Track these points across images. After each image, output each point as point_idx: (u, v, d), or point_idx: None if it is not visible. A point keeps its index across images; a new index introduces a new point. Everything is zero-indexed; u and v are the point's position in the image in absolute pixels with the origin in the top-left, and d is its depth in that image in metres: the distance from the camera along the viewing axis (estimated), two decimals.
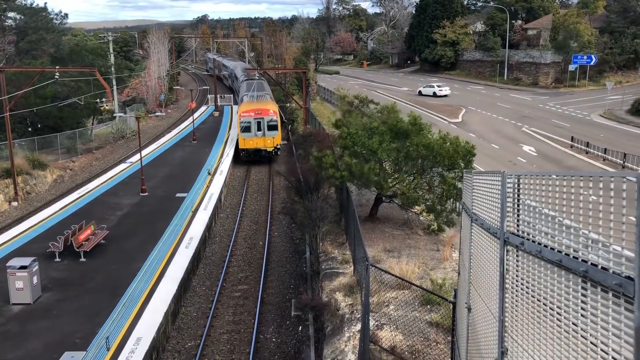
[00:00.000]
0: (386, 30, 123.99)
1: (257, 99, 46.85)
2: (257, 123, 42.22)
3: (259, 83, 54.51)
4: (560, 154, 39.84)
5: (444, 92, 69.83)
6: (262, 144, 42.70)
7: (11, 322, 17.97)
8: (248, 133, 42.52)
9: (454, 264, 18.39)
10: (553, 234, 3.94)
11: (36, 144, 40.82)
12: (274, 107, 44.35)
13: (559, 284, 3.77)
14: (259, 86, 52.61)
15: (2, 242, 25.03)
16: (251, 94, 49.17)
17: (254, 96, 47.80)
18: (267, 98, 47.76)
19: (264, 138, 42.61)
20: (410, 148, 20.68)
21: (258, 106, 43.36)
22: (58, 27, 57.77)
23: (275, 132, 42.85)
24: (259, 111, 42.40)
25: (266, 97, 48.13)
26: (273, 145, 42.91)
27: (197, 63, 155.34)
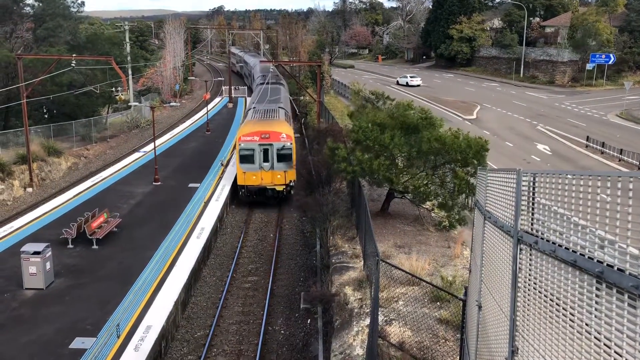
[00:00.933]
0: (402, 25, 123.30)
1: (266, 116, 34.62)
2: (263, 151, 30.89)
3: (273, 89, 44.80)
4: (575, 153, 39.46)
5: (415, 82, 76.61)
6: (268, 180, 31.10)
7: (24, 306, 18.21)
8: (250, 164, 30.95)
9: (465, 262, 18.32)
10: (568, 234, 3.90)
11: (51, 131, 41.17)
12: (287, 128, 31.95)
13: (572, 284, 3.74)
14: (272, 93, 42.87)
15: (16, 228, 25.34)
16: (259, 106, 37.56)
17: (262, 112, 35.62)
18: (280, 114, 35.10)
19: (272, 172, 30.95)
20: (422, 143, 20.58)
21: (265, 127, 31.60)
22: (75, 14, 58.02)
23: (289, 163, 31.15)
24: (267, 134, 30.91)
25: (279, 112, 35.56)
26: (284, 181, 31.06)
27: (212, 54, 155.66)
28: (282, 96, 43.82)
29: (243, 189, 31.41)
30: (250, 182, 31.09)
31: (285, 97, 45.59)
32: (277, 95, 42.99)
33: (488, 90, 73.47)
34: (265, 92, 42.59)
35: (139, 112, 54.02)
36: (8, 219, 27.42)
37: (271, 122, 32.78)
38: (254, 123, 32.52)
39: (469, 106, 59.23)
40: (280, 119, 33.69)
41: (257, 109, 36.35)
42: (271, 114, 34.64)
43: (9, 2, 51.00)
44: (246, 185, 31.20)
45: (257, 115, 34.68)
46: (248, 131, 31.39)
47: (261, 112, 35.26)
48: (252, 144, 30.81)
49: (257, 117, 33.98)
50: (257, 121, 33.05)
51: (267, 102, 38.51)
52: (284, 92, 47.04)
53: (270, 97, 40.82)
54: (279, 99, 41.71)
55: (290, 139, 31.07)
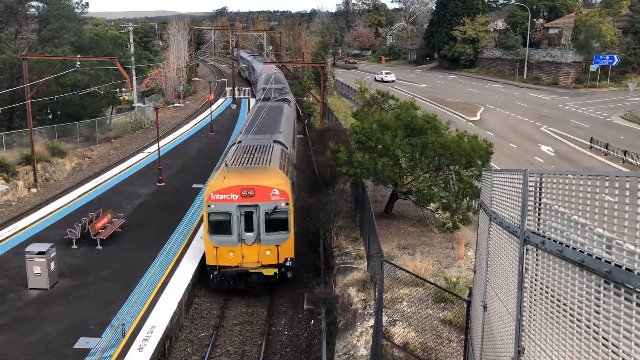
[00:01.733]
0: (405, 26, 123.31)
1: (253, 157, 23.07)
2: (244, 216, 20.62)
3: (273, 110, 34.59)
4: (579, 154, 39.39)
5: (389, 78, 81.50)
6: (253, 258, 20.85)
7: (28, 306, 18.28)
8: (224, 236, 20.64)
9: (469, 263, 18.32)
10: (575, 234, 3.91)
11: (56, 132, 41.26)
12: (281, 180, 21.15)
13: (580, 284, 3.75)
14: (270, 116, 32.12)
15: (21, 228, 25.43)
16: (247, 140, 26.06)
17: (248, 150, 24.07)
18: (273, 154, 23.51)
19: (257, 247, 20.79)
20: (427, 146, 20.60)
21: (249, 179, 20.88)
22: (79, 16, 58.25)
23: (283, 234, 20.80)
24: (250, 190, 20.46)
25: (273, 152, 23.88)
26: (277, 260, 20.80)
27: (215, 55, 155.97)
28: (282, 121, 31.80)
29: (215, 271, 20.48)
30: (225, 262, 20.42)
31: (289, 122, 33.92)
32: (276, 120, 31.60)
33: (491, 91, 73.39)
34: (260, 114, 31.70)
35: (143, 112, 54.12)
36: (12, 219, 27.50)
37: (258, 170, 21.43)
38: (233, 172, 21.01)
39: (473, 107, 59.17)
40: (273, 162, 22.24)
41: (242, 145, 25.03)
42: (261, 155, 23.06)
43: (14, 3, 51.21)
44: (219, 267, 20.36)
45: (241, 156, 23.21)
46: (222, 185, 20.34)
47: (247, 152, 23.75)
48: (228, 206, 20.26)
49: (239, 160, 22.71)
50: (237, 169, 21.51)
51: (258, 133, 27.33)
52: (287, 114, 35.01)
53: (266, 123, 29.71)
54: (278, 125, 30.26)
55: (286, 196, 20.41)
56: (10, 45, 46.13)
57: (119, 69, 39.55)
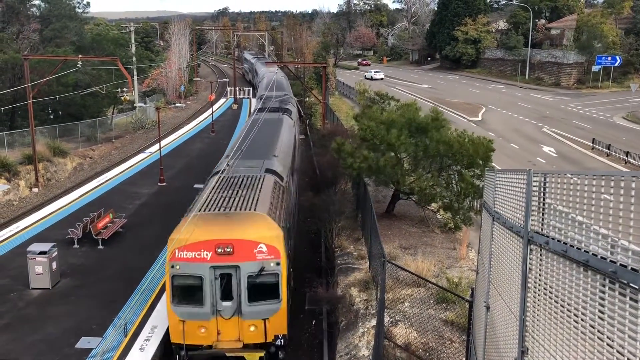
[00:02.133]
0: (407, 27, 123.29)
1: (234, 199, 16.86)
2: (219, 280, 15.17)
3: (270, 123, 28.55)
4: (581, 155, 39.35)
5: (378, 75, 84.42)
6: (231, 336, 15.37)
7: (30, 306, 18.28)
8: (193, 307, 15.22)
9: (471, 263, 18.30)
10: (580, 234, 3.89)
11: (57, 132, 41.29)
12: (270, 230, 15.45)
13: (584, 284, 3.73)
14: (265, 134, 25.61)
15: (22, 228, 25.44)
16: (230, 169, 19.87)
17: (228, 188, 17.93)
18: (263, 193, 17.38)
19: (237, 321, 15.26)
20: (429, 144, 20.60)
21: (226, 230, 15.23)
22: (81, 15, 58.32)
23: (272, 303, 15.29)
24: (227, 246, 14.92)
25: (262, 188, 17.83)
26: (264, 339, 15.29)
27: (217, 55, 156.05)
28: (280, 141, 24.83)
29: (181, 351, 15.12)
30: (194, 341, 15.13)
31: (288, 140, 26.62)
32: (272, 139, 24.68)
33: (493, 92, 73.35)
34: (253, 130, 25.47)
35: (144, 112, 54.13)
36: (14, 218, 27.51)
37: (240, 217, 15.65)
38: (206, 220, 15.54)
39: (474, 108, 59.13)
40: (261, 204, 16.29)
41: (224, 177, 18.74)
42: (246, 193, 17.06)
43: (15, 3, 51.27)
44: (186, 347, 15.06)
45: (219, 194, 17.17)
46: (190, 239, 14.94)
47: (228, 187, 17.77)
48: (199, 267, 14.84)
49: (216, 201, 16.69)
50: (212, 216, 15.80)
51: (248, 158, 20.93)
52: (286, 130, 27.87)
53: (259, 143, 23.22)
54: (274, 146, 23.28)
55: (276, 254, 14.97)
56: (12, 45, 46.18)
57: (121, 69, 39.58)
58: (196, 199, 17.57)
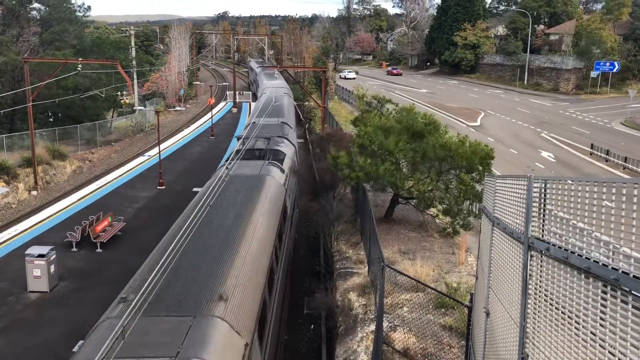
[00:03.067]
0: (406, 32, 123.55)
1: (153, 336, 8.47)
2: None
3: (243, 191, 16.85)
4: (579, 161, 39.37)
5: (350, 75, 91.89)
6: None
7: (28, 309, 18.22)
8: None
9: (469, 268, 18.28)
10: (581, 241, 3.89)
11: (56, 135, 41.27)
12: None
13: (586, 291, 3.72)
14: (240, 193, 16.44)
15: (21, 230, 25.39)
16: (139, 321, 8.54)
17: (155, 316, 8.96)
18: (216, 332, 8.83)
19: None
20: (427, 148, 20.58)
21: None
22: (81, 19, 58.38)
23: None
24: None
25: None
26: None
27: (217, 59, 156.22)
28: (251, 234, 13.91)
29: None
30: None
31: (276, 193, 18.39)
32: (254, 199, 16.38)
33: (492, 97, 73.46)
34: (207, 200, 14.45)
35: (144, 116, 54.15)
36: (13, 221, 27.46)
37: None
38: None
39: (473, 113, 59.20)
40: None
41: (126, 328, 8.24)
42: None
43: (16, 6, 51.30)
44: None
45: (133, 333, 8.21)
46: None
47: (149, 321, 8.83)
48: None
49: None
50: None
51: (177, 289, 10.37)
52: (270, 203, 16.97)
53: (213, 239, 13.05)
54: (231, 251, 12.43)
55: None
56: (11, 47, 46.17)
57: (121, 72, 39.61)
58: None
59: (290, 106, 41.23)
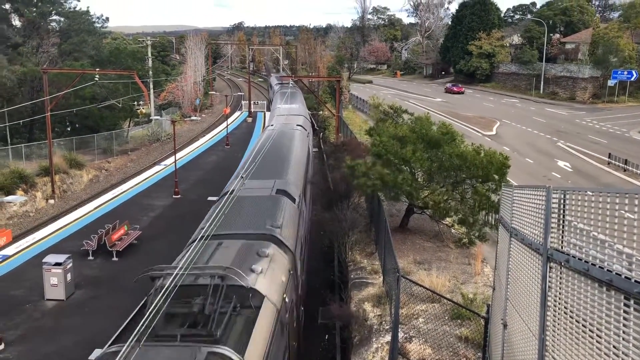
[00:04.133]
0: (421, 41, 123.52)
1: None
2: None
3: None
4: (597, 170, 38.91)
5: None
6: None
7: (45, 317, 18.38)
8: None
9: (486, 279, 18.09)
10: (602, 252, 3.83)
11: (74, 144, 41.80)
12: None
13: (607, 304, 3.66)
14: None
15: (39, 239, 25.67)
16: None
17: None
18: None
19: None
20: (443, 158, 20.46)
21: None
22: (99, 30, 59.35)
23: None
24: None
25: None
26: None
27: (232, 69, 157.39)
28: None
29: None
30: None
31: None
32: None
33: (507, 106, 73.04)
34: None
35: (160, 125, 54.67)
36: (30, 230, 27.78)
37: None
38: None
39: (488, 122, 58.89)
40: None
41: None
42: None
43: (36, 18, 52.24)
44: None
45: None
46: None
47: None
48: None
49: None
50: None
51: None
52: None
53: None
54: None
55: None
56: (31, 58, 46.99)
57: (137, 82, 40.06)
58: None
59: (301, 152, 26.59)
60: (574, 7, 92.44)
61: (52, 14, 54.48)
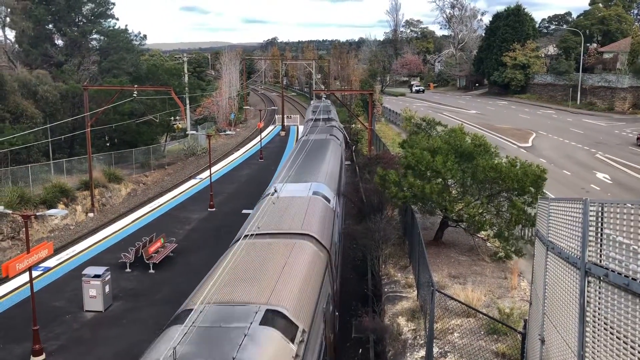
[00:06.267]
0: (454, 53, 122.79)
1: None
2: None
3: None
4: (638, 182, 37.80)
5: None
6: None
7: (84, 328, 18.79)
8: None
9: (522, 293, 17.74)
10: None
11: (112, 159, 42.88)
12: None
13: None
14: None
15: (78, 251, 26.33)
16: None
17: None
18: None
19: None
20: (477, 171, 20.22)
21: None
22: (137, 47, 60.97)
23: None
24: None
25: None
26: None
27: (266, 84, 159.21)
28: None
29: None
30: None
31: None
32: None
33: (543, 117, 71.75)
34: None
35: (196, 140, 55.62)
36: (70, 242, 28.53)
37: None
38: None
39: (524, 134, 57.93)
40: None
41: None
42: None
43: (78, 37, 54.03)
44: None
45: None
46: None
47: None
48: None
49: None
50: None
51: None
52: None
53: None
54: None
55: None
56: (73, 76, 48.55)
57: (174, 98, 40.91)
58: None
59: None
60: (612, 16, 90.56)
61: (92, 32, 56.31)
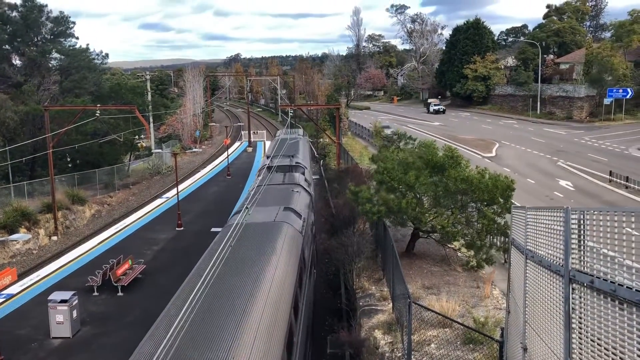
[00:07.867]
0: (416, 66, 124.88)
1: None
2: None
3: None
4: (599, 188, 38.91)
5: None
6: None
7: (51, 356, 18.14)
8: None
9: (495, 302, 17.93)
10: (630, 272, 3.81)
11: (75, 180, 41.83)
12: None
13: (638, 324, 3.62)
14: None
15: (43, 276, 25.49)
16: None
17: None
18: None
19: None
20: (448, 182, 20.47)
21: None
22: (99, 66, 60.01)
23: None
24: None
25: None
26: None
27: (230, 100, 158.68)
28: None
29: None
30: None
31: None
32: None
33: (505, 127, 73.45)
34: None
35: (160, 158, 54.85)
36: (34, 267, 27.63)
37: None
38: None
39: (488, 144, 59.13)
40: None
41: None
42: None
43: (37, 57, 52.85)
44: None
45: None
46: None
47: None
48: None
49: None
50: None
51: None
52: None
53: None
54: None
55: None
56: (32, 97, 47.38)
57: (138, 117, 40.33)
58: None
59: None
60: (566, 28, 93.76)
61: (52, 52, 55.17)
